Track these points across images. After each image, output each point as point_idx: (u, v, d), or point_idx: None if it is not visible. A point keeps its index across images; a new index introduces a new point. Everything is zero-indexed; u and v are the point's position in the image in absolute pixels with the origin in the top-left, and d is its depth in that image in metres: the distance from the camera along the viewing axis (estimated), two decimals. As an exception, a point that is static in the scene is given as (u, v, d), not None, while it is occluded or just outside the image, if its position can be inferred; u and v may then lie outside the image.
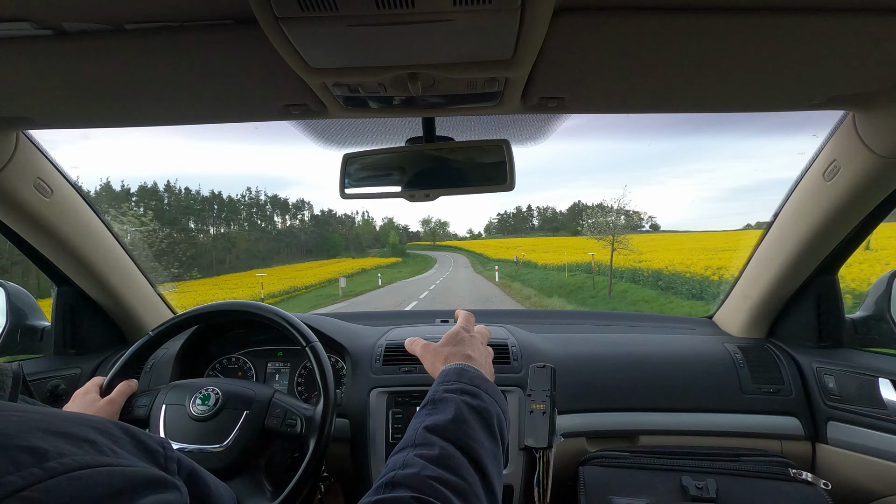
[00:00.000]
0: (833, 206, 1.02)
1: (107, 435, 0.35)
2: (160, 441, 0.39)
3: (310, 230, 67.65)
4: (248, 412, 0.92)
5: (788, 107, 0.86)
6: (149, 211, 75.97)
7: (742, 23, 0.61)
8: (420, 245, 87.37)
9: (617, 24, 0.62)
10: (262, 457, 0.94)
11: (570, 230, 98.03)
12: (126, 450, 0.35)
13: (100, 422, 0.37)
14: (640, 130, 50.90)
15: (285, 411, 0.94)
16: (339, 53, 0.62)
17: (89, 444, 0.33)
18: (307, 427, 0.93)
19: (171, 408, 0.93)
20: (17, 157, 0.99)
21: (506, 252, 43.17)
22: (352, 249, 55.65)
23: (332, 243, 79.15)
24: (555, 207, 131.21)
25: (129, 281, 1.38)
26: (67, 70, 0.70)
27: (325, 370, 0.99)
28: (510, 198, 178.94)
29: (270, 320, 1.05)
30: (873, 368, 1.10)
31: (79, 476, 0.30)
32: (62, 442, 0.32)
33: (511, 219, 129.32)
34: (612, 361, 1.28)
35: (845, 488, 1.07)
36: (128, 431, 0.37)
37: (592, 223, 23.24)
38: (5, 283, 1.28)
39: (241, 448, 0.89)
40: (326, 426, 0.93)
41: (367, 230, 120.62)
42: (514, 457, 1.10)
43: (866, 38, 0.64)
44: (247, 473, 0.91)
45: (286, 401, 0.97)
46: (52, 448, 0.30)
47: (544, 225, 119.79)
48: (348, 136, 1.08)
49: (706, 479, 1.01)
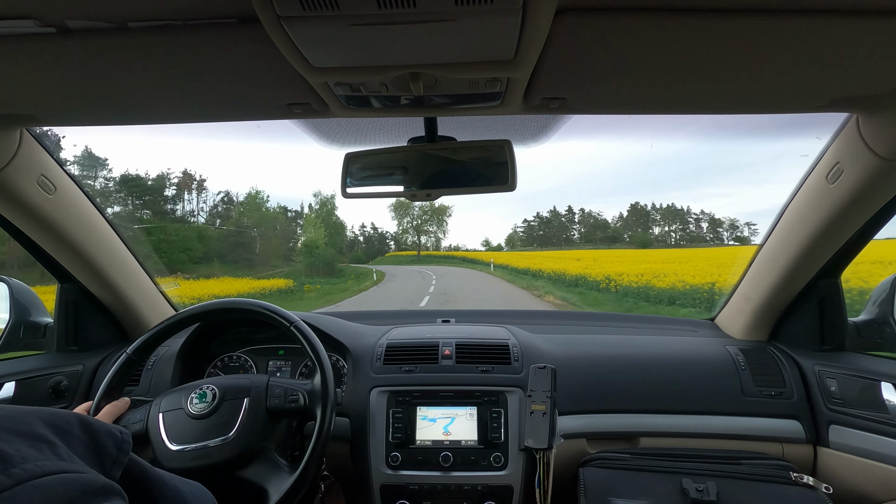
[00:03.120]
0: (836, 208, 1.01)
1: (63, 434, 0.37)
2: (118, 441, 0.40)
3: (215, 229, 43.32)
4: (249, 398, 0.94)
5: (792, 109, 0.85)
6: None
7: (746, 24, 0.61)
8: (399, 256, 59.35)
9: (619, 25, 0.61)
10: (271, 439, 0.96)
11: (638, 241, 73.02)
12: (79, 451, 0.37)
13: (59, 416, 0.38)
14: (645, 137, 48.11)
15: (285, 390, 0.97)
16: (341, 53, 0.62)
17: (48, 447, 0.35)
18: (310, 399, 0.96)
19: (168, 414, 0.93)
20: (20, 154, 0.99)
21: (557, 264, 24.12)
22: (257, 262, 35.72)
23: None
24: (598, 213, 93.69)
25: (131, 278, 1.39)
26: (71, 68, 0.71)
27: (315, 344, 1.01)
28: (525, 205, 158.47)
29: (251, 312, 1.05)
30: (876, 372, 1.09)
31: (41, 483, 0.31)
32: (24, 444, 0.33)
33: (541, 227, 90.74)
34: (613, 363, 1.27)
35: (847, 492, 1.06)
36: (86, 428, 0.39)
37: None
38: (8, 280, 1.28)
39: (248, 434, 0.91)
40: (329, 393, 0.95)
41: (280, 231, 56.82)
42: (513, 457, 1.10)
43: (870, 40, 0.63)
44: (261, 456, 0.92)
45: (283, 381, 1.00)
46: (15, 453, 0.32)
47: (589, 235, 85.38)
48: (350, 135, 1.08)
49: (707, 481, 1.01)
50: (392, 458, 1.10)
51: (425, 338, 1.30)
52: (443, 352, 1.25)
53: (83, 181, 1.09)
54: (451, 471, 1.09)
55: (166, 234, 28.84)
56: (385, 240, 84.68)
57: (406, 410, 1.16)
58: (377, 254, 74.34)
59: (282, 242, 41.61)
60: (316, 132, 1.07)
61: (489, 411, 1.14)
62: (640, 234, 77.94)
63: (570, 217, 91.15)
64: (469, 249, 78.64)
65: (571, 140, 1.14)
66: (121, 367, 1.01)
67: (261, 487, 0.89)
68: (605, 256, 32.85)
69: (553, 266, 23.85)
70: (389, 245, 79.99)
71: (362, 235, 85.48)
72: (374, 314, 1.75)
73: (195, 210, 46.30)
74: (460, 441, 1.12)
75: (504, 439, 1.11)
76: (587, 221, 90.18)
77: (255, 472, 0.91)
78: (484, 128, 1.04)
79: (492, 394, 1.16)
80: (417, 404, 1.16)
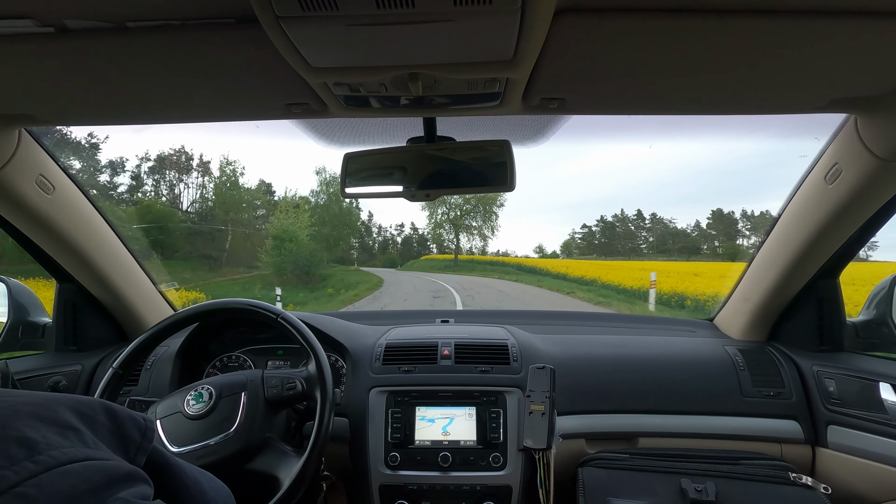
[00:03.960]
0: (834, 209, 1.02)
1: (89, 421, 0.37)
2: (142, 428, 0.40)
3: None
4: (246, 393, 0.95)
5: (790, 109, 0.85)
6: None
7: (744, 25, 0.61)
8: (434, 260, 45.29)
9: (618, 26, 0.62)
10: (273, 429, 0.97)
11: (728, 253, 54.42)
12: (104, 438, 0.37)
13: (84, 403, 0.38)
14: (644, 138, 44.40)
15: (281, 379, 0.98)
16: (340, 53, 0.62)
17: (74, 434, 0.35)
18: (307, 384, 0.98)
19: (166, 420, 0.94)
20: (19, 154, 0.99)
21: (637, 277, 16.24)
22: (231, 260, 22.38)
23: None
24: (673, 220, 71.44)
25: (130, 278, 1.39)
26: (69, 68, 0.71)
27: (304, 332, 1.02)
28: (574, 213, 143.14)
29: (236, 311, 1.07)
30: (874, 372, 1.09)
31: (67, 470, 0.31)
32: (50, 431, 0.33)
33: (604, 233, 70.78)
34: (611, 363, 1.27)
35: (845, 492, 1.06)
36: (110, 414, 0.39)
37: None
38: (7, 280, 1.28)
39: (249, 427, 0.92)
40: (325, 376, 0.96)
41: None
42: (512, 457, 1.10)
43: (869, 41, 0.63)
44: (266, 447, 0.94)
45: (278, 372, 1.01)
46: (41, 439, 0.32)
47: (660, 245, 67.00)
48: (349, 135, 1.08)
49: (705, 481, 1.01)
50: (391, 459, 1.11)
51: (424, 338, 1.30)
52: (442, 352, 1.25)
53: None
54: (450, 471, 1.09)
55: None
56: (426, 242, 67.05)
57: (405, 410, 1.15)
58: (412, 257, 59.27)
59: (262, 235, 26.44)
60: (315, 132, 1.07)
61: (488, 411, 1.14)
62: (729, 244, 60.46)
63: (638, 223, 71.40)
64: (520, 256, 59.22)
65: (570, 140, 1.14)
66: (108, 382, 1.00)
67: (271, 475, 0.90)
68: (710, 270, 22.88)
69: (633, 278, 16.63)
70: (431, 248, 62.74)
71: (400, 236, 71.23)
72: (374, 314, 1.75)
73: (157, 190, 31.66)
74: (459, 441, 1.12)
75: (503, 439, 1.11)
76: (657, 229, 71.00)
77: (262, 462, 0.92)
78: (483, 128, 1.04)
79: (491, 394, 1.16)
80: (416, 404, 1.16)
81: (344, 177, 0.97)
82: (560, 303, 14.93)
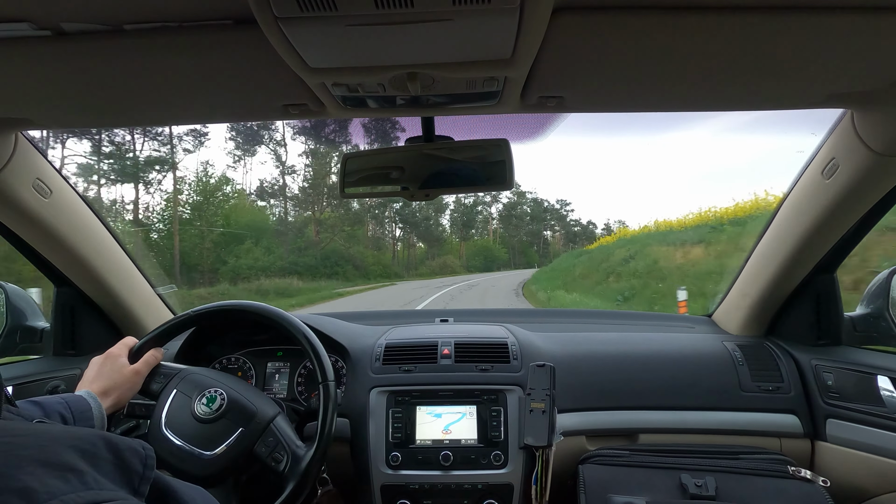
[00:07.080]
0: (832, 203, 1.02)
1: (90, 457, 0.37)
2: (143, 457, 0.40)
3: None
4: (244, 430, 0.91)
5: (787, 105, 0.86)
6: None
7: (741, 21, 0.61)
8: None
9: (616, 24, 0.62)
10: (244, 474, 0.95)
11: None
12: (106, 473, 0.37)
13: (85, 439, 0.38)
14: (643, 135, 41.22)
15: (277, 442, 0.92)
16: (339, 53, 0.62)
17: (75, 476, 0.34)
18: (291, 467, 0.90)
19: (178, 397, 0.94)
20: (16, 157, 0.99)
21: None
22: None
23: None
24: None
25: (128, 282, 1.38)
26: (66, 71, 0.70)
27: (306, 332, 1.02)
28: None
29: (237, 311, 1.07)
30: (872, 366, 1.10)
31: None
32: (50, 476, 0.33)
33: None
34: (611, 360, 1.28)
35: (844, 485, 1.07)
36: (111, 448, 0.39)
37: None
38: (4, 285, 1.27)
39: (225, 462, 0.90)
40: (311, 474, 0.90)
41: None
42: (513, 455, 1.10)
43: (865, 36, 0.64)
44: (223, 487, 0.92)
45: (283, 430, 0.94)
46: (41, 488, 0.32)
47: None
48: (348, 135, 1.08)
49: (705, 477, 1.01)
50: (392, 458, 1.11)
51: (424, 337, 1.30)
52: (442, 351, 1.25)
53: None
54: (452, 470, 1.09)
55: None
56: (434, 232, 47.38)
57: (406, 410, 1.16)
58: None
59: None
60: (314, 131, 1.07)
61: (489, 410, 1.14)
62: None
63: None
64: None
65: (569, 138, 1.14)
66: (178, 321, 1.04)
67: (274, 475, 0.91)
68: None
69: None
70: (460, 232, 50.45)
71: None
72: (373, 315, 1.75)
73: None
74: (460, 440, 1.12)
75: (504, 438, 1.12)
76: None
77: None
78: (481, 127, 1.04)
79: (491, 392, 1.16)
80: (417, 404, 1.16)
81: (342, 177, 0.96)
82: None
